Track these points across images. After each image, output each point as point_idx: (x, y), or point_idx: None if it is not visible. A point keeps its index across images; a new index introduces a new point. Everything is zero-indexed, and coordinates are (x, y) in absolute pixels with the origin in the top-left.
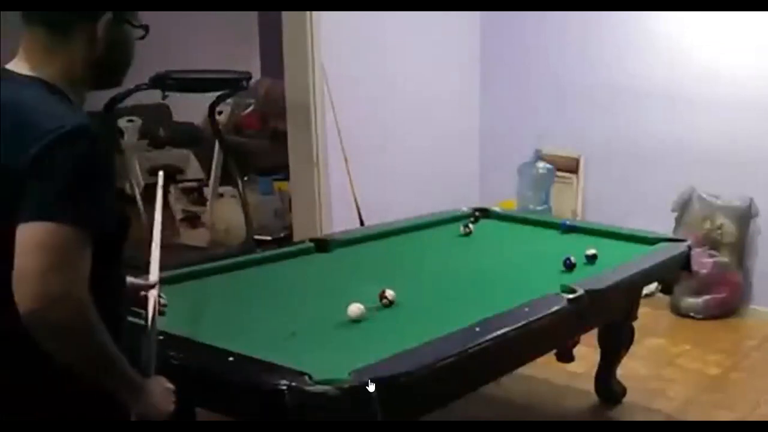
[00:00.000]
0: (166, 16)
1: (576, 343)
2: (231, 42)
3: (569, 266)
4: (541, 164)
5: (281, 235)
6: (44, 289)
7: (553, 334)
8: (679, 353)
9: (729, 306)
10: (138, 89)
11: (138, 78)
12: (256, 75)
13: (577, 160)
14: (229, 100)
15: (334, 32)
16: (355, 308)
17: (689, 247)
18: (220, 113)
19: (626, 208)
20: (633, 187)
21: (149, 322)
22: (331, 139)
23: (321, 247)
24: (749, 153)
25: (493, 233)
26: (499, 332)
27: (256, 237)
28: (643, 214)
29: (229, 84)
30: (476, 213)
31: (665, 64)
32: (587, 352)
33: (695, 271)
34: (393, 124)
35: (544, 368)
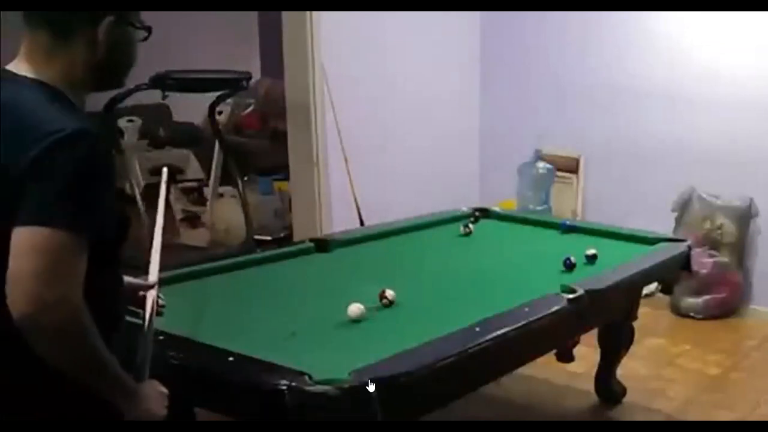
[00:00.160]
0: (166, 16)
1: (576, 343)
2: (231, 42)
3: (569, 266)
4: (541, 164)
5: (281, 235)
6: (38, 293)
7: (553, 334)
8: (679, 353)
9: (729, 306)
10: (138, 89)
11: (138, 78)
12: (256, 75)
13: (577, 160)
14: (229, 100)
15: (334, 32)
16: (355, 308)
17: (689, 247)
18: (220, 113)
19: (626, 208)
20: (633, 187)
21: (146, 323)
22: (331, 139)
23: (321, 247)
24: (749, 153)
25: (493, 233)
26: (499, 332)
27: (256, 237)
28: (643, 214)
29: (229, 84)
30: (476, 213)
31: (665, 64)
32: (587, 352)
33: (695, 271)
34: (393, 124)
35: (544, 368)
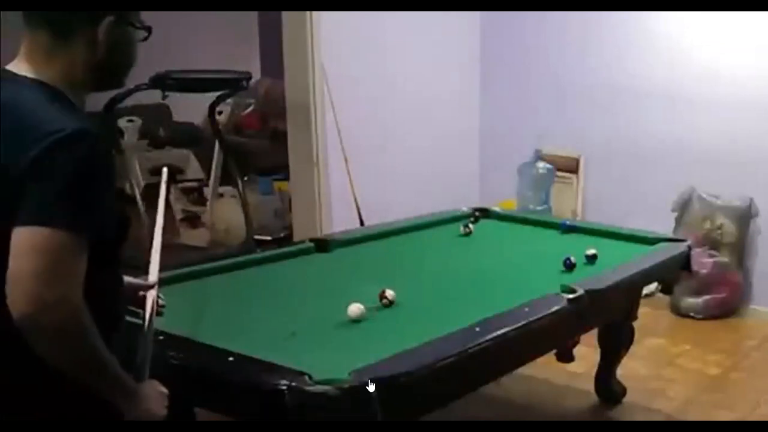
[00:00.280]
0: (166, 16)
1: (576, 343)
2: (231, 42)
3: (569, 266)
4: (541, 164)
5: (281, 235)
6: (38, 293)
7: (553, 334)
8: (679, 353)
9: (729, 306)
10: (138, 89)
11: (138, 78)
12: (256, 75)
13: (577, 160)
14: (229, 100)
15: (334, 32)
16: (355, 308)
17: (689, 247)
18: (220, 113)
19: (626, 208)
20: (633, 187)
21: (146, 323)
22: (331, 139)
23: (321, 247)
24: (749, 153)
25: (493, 233)
26: (499, 332)
27: (256, 237)
28: (643, 214)
29: (229, 84)
30: (476, 213)
31: (665, 64)
32: (587, 352)
33: (695, 271)
34: (393, 124)
35: (544, 368)
